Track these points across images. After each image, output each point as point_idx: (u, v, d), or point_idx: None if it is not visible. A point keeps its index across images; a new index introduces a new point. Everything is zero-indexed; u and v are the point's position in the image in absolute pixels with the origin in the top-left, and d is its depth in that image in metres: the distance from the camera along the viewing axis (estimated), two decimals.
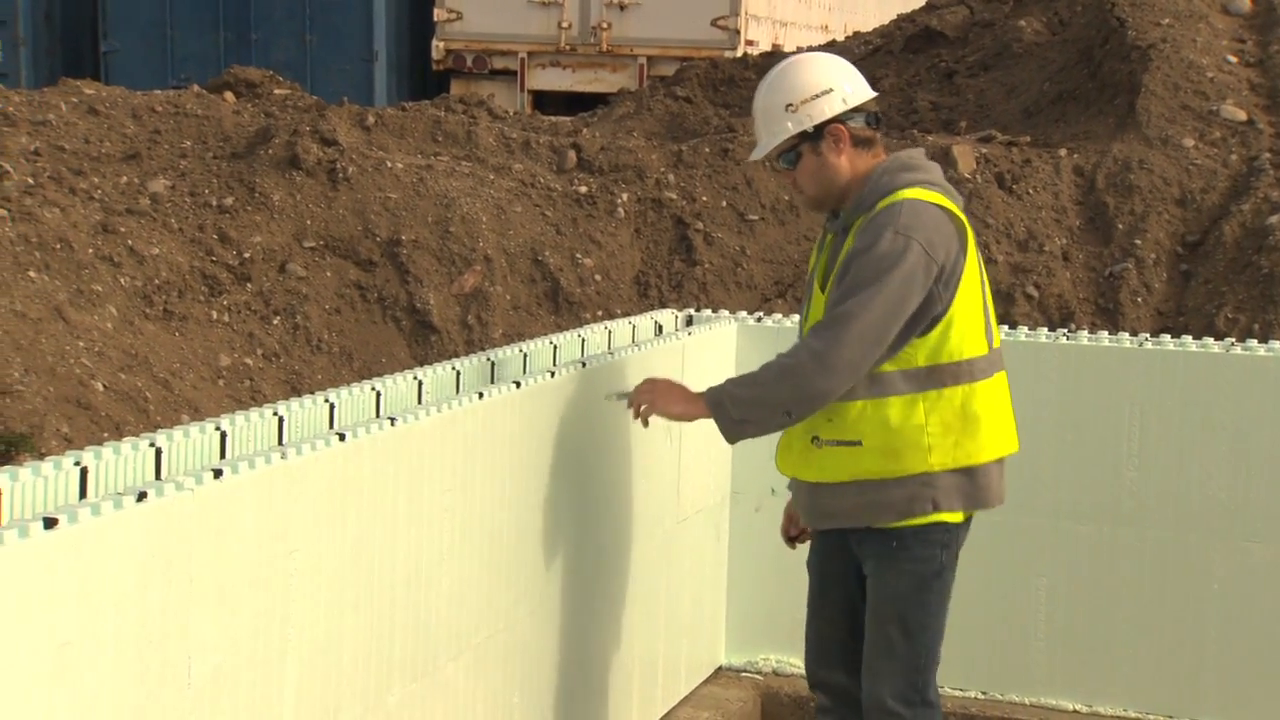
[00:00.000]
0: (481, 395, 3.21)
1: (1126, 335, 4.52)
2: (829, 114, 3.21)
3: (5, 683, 2.01)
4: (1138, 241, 7.03)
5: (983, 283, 3.24)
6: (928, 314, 3.11)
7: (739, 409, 3.15)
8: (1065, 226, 7.15)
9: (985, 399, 3.19)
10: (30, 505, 2.28)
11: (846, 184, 3.22)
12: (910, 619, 3.25)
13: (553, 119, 9.05)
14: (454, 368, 3.37)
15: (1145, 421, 4.33)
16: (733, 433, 3.21)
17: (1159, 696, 4.39)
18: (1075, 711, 4.45)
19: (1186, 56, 7.86)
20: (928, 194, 3.17)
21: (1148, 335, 4.53)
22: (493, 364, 3.50)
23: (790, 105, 3.22)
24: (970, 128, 8.23)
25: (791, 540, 3.64)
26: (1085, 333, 4.55)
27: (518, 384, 3.36)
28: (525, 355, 3.65)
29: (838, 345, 3.04)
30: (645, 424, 3.38)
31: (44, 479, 2.31)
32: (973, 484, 3.21)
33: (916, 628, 3.25)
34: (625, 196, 7.20)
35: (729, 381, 3.22)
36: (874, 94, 3.31)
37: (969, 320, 3.16)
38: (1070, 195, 7.26)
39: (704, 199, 7.27)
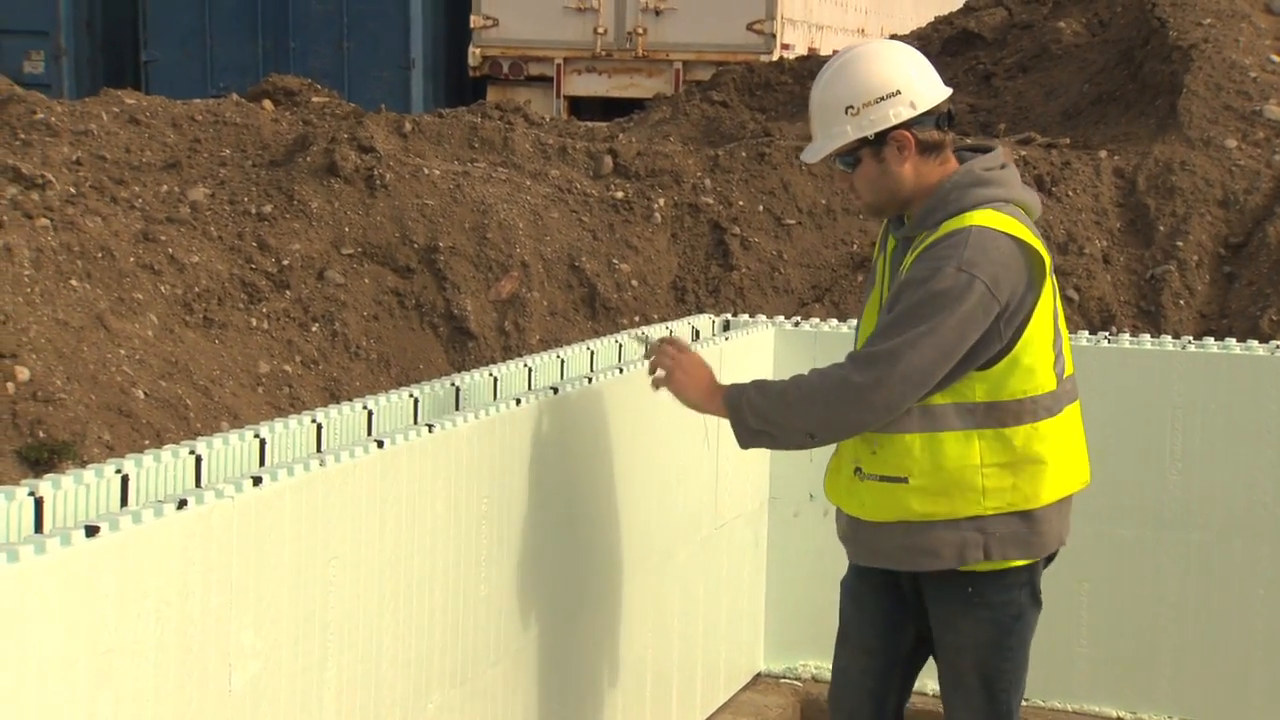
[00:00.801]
0: (519, 401, 3.21)
1: (1169, 338, 4.48)
2: (894, 121, 2.88)
3: (49, 690, 2.02)
4: (1180, 243, 6.96)
5: (1056, 312, 2.96)
6: (985, 352, 2.84)
7: (759, 419, 2.91)
8: (1106, 229, 7.09)
9: (1050, 438, 2.91)
10: (72, 513, 2.29)
11: (910, 194, 2.93)
12: (991, 667, 3.02)
13: (589, 124, 9.06)
14: (491, 374, 3.37)
15: (1188, 425, 4.28)
16: (747, 441, 2.97)
17: (1204, 703, 4.34)
18: (1119, 718, 4.41)
19: (1229, 56, 7.79)
20: (999, 220, 2.86)
21: (1190, 338, 4.49)
22: (530, 370, 3.50)
23: (851, 108, 2.89)
24: (1009, 130, 8.18)
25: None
26: (1127, 336, 4.51)
27: (555, 390, 3.36)
28: (563, 361, 3.65)
29: (879, 384, 2.79)
30: (655, 388, 3.12)
31: (86, 487, 2.32)
32: (1030, 529, 2.92)
33: (996, 674, 3.02)
34: (662, 201, 7.19)
35: (754, 385, 2.97)
36: (947, 92, 2.95)
37: (1036, 356, 2.88)
38: (1111, 197, 7.20)
39: (741, 203, 7.25)
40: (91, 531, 2.12)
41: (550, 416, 3.31)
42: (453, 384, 3.22)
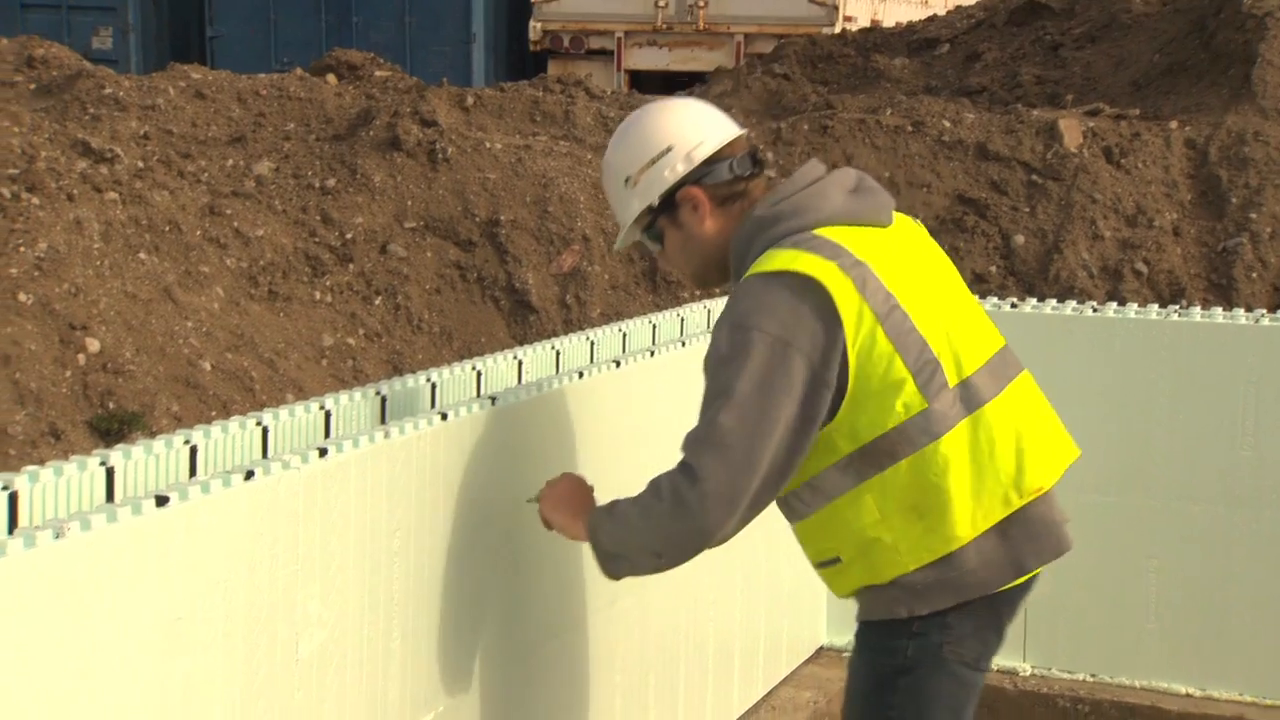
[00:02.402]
0: (582, 374, 3.20)
1: (1241, 311, 4.40)
2: (671, 180, 2.61)
3: (120, 657, 2.04)
4: (1253, 215, 6.83)
5: (905, 325, 2.50)
6: (820, 404, 2.46)
7: (610, 540, 2.59)
8: (1176, 201, 6.98)
9: (945, 464, 2.49)
10: (143, 483, 2.32)
11: (723, 251, 2.64)
12: None
13: (650, 98, 9.03)
14: (554, 347, 3.37)
15: (1261, 399, 4.21)
16: (608, 567, 2.63)
17: (1276, 680, 4.28)
18: (1188, 695, 4.36)
19: None
20: (777, 260, 2.49)
21: (1264, 311, 4.41)
22: (592, 343, 3.50)
23: (629, 179, 2.66)
24: (1077, 101, 8.07)
25: None
26: (1198, 309, 4.44)
27: (617, 363, 3.35)
28: (625, 334, 3.64)
29: (697, 481, 2.44)
30: (548, 527, 2.82)
31: (155, 457, 2.35)
32: (959, 573, 2.51)
33: None
34: None
35: (607, 504, 2.63)
36: (732, 134, 2.66)
37: (881, 383, 2.47)
38: (1181, 169, 7.08)
39: None
40: (162, 501, 2.14)
41: (614, 389, 3.31)
42: (515, 357, 3.23)
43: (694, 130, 2.65)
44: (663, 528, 2.51)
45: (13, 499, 2.09)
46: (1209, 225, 6.89)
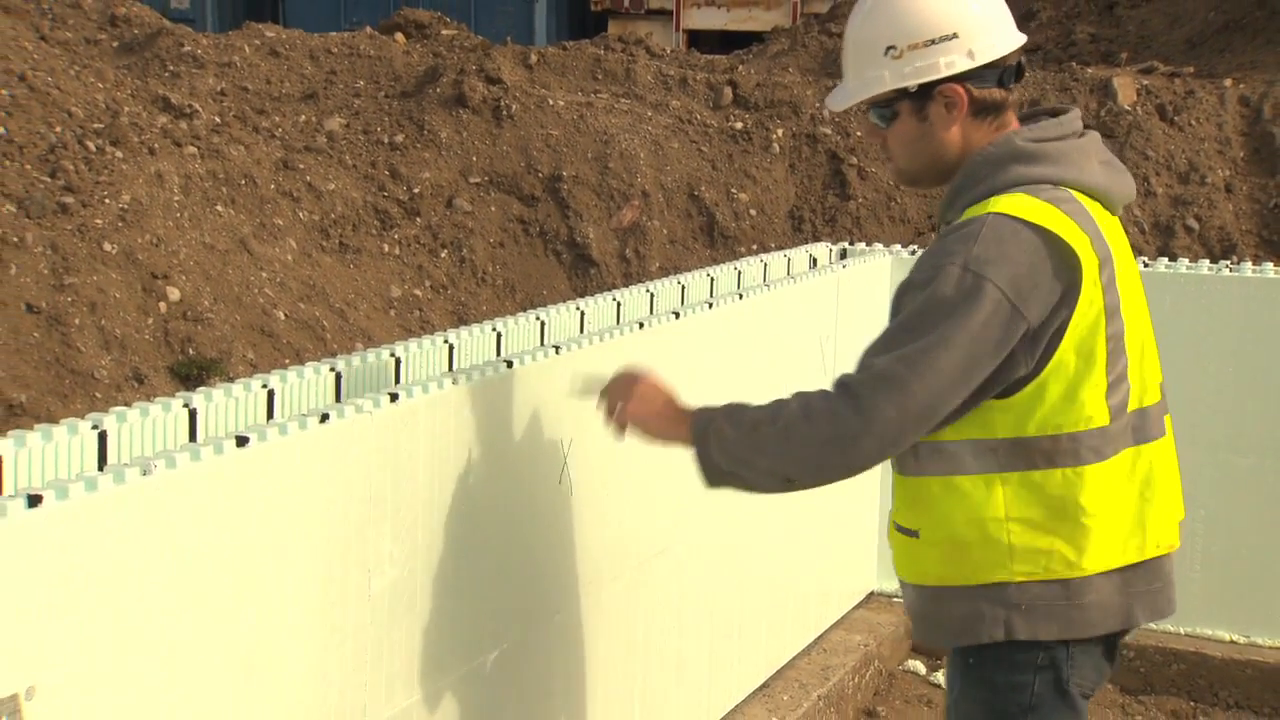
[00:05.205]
0: (642, 325, 3.30)
1: None
2: (944, 72, 2.28)
3: (199, 593, 2.14)
4: None
5: (1119, 328, 2.26)
6: (1004, 378, 2.22)
7: (727, 455, 2.30)
8: (1229, 158, 6.96)
9: (1097, 488, 2.25)
10: (223, 425, 2.40)
11: (954, 164, 2.33)
12: None
13: (709, 56, 9.08)
14: (615, 299, 3.47)
15: None
16: (713, 478, 2.34)
17: None
18: (1232, 642, 4.43)
19: None
20: (1028, 206, 2.22)
21: None
22: (652, 295, 3.59)
23: (892, 48, 2.30)
24: (1131, 59, 8.03)
25: None
26: (1249, 265, 4.48)
27: (676, 314, 3.45)
28: (683, 287, 3.74)
29: (870, 417, 2.18)
30: (621, 435, 2.51)
31: (235, 400, 2.43)
32: (1070, 601, 2.26)
33: None
34: (780, 132, 7.22)
35: (725, 412, 2.34)
36: (1019, 41, 2.34)
37: (1076, 383, 2.23)
38: (1235, 126, 7.06)
39: (858, 134, 7.25)
40: (242, 442, 2.22)
41: (673, 339, 3.40)
42: (577, 308, 3.32)
43: (987, 25, 2.30)
44: (806, 453, 2.25)
45: (102, 438, 2.19)
46: (1261, 182, 6.87)
